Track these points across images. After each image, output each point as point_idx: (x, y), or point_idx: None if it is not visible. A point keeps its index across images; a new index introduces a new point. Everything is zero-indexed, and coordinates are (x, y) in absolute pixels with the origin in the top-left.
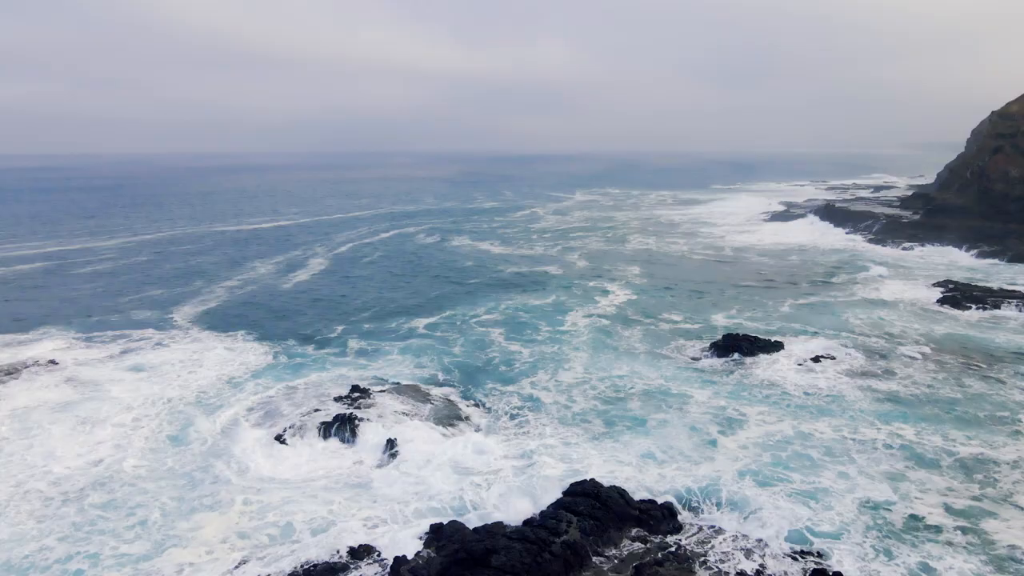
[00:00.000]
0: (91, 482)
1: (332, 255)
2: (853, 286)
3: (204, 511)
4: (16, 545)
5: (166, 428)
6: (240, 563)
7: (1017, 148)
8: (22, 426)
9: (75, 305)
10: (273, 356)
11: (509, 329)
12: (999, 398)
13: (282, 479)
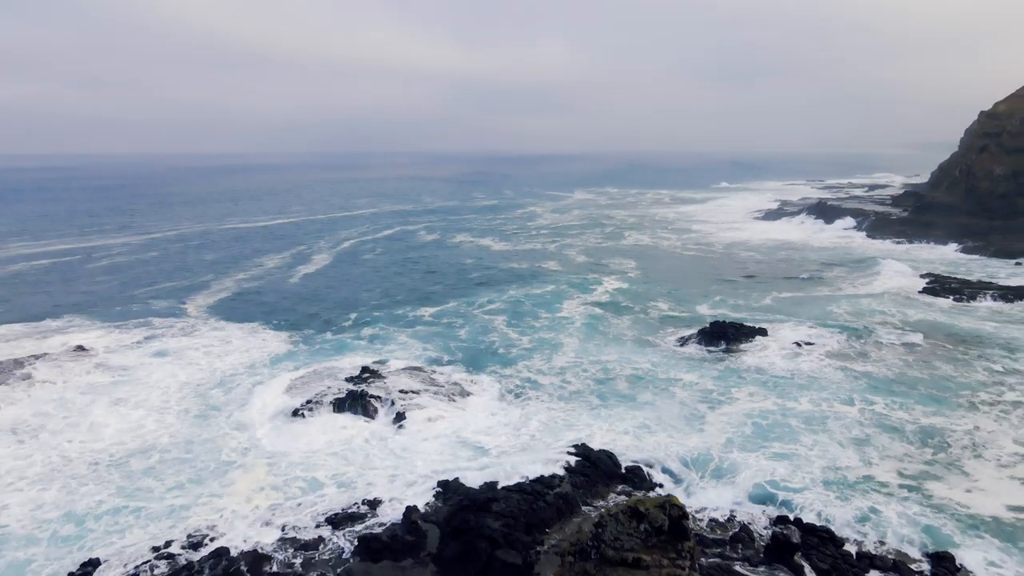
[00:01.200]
0: (131, 451)
1: (336, 251)
2: (838, 280)
3: (235, 471)
4: (74, 501)
5: (195, 406)
6: (272, 508)
7: (1002, 147)
8: (64, 406)
9: (95, 296)
10: (292, 343)
11: (510, 316)
12: (962, 378)
13: (302, 447)
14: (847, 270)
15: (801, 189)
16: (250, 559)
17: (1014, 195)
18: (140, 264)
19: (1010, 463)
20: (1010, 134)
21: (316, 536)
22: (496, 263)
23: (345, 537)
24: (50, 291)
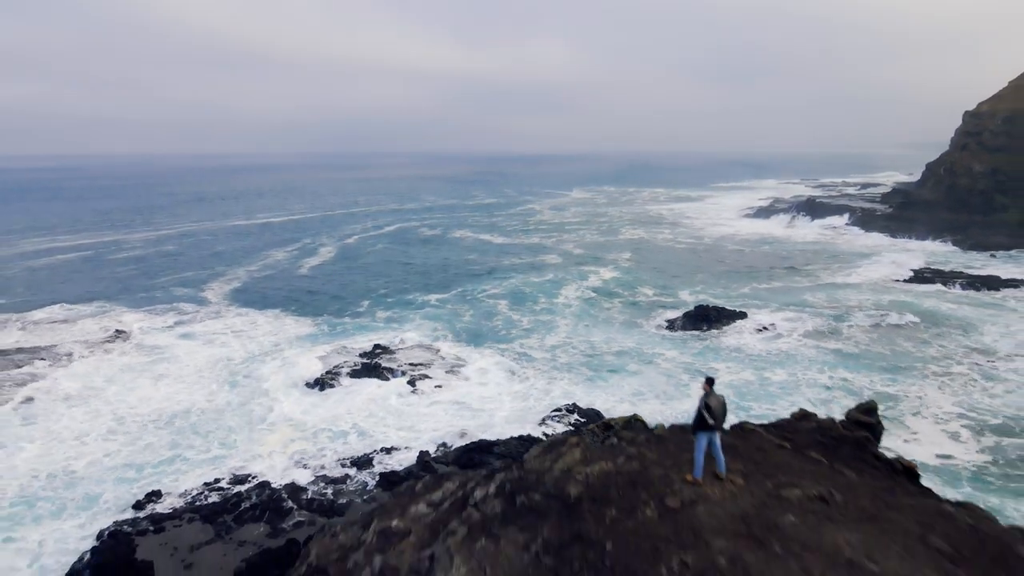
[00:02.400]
0: (175, 414)
1: (340, 245)
2: (817, 271)
3: (268, 429)
4: (132, 453)
5: (229, 378)
6: (302, 455)
7: (982, 145)
8: (111, 380)
9: (121, 285)
10: (313, 325)
11: (511, 301)
12: (919, 353)
13: (325, 410)
14: (827, 262)
15: (796, 188)
16: (289, 490)
17: (992, 192)
18: (156, 257)
19: (944, 420)
20: (991, 133)
21: (343, 474)
22: (497, 256)
23: (368, 475)
24: (79, 280)
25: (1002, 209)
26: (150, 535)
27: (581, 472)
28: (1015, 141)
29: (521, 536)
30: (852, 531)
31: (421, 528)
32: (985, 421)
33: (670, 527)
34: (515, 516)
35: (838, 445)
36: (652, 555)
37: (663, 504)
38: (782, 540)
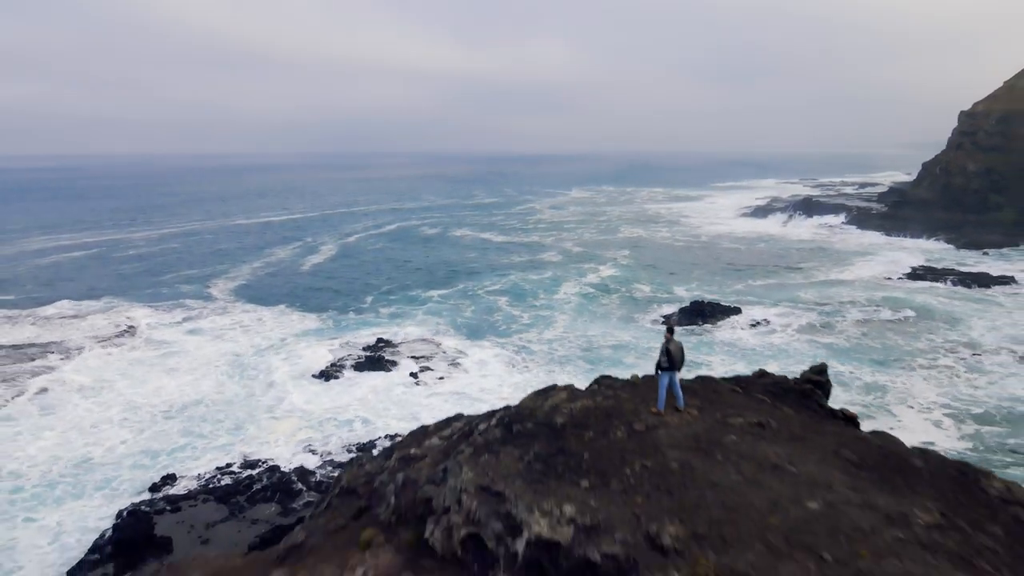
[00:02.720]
0: (186, 404)
1: (342, 244)
2: (811, 268)
3: (276, 418)
4: (147, 440)
5: (238, 371)
6: (309, 442)
7: (977, 145)
8: (124, 373)
9: (128, 282)
10: (319, 321)
11: (511, 298)
12: (907, 347)
13: (330, 400)
14: (821, 260)
15: (794, 187)
16: (298, 473)
17: (986, 191)
18: (161, 254)
19: (928, 410)
20: (986, 133)
21: (349, 459)
22: (497, 254)
23: None
24: (86, 278)
25: (996, 208)
26: (167, 514)
27: (566, 407)
28: (1009, 141)
29: (516, 451)
30: (781, 447)
31: (435, 453)
32: (967, 411)
33: (635, 443)
34: (512, 439)
35: (785, 393)
36: (620, 461)
37: (631, 428)
38: (724, 452)
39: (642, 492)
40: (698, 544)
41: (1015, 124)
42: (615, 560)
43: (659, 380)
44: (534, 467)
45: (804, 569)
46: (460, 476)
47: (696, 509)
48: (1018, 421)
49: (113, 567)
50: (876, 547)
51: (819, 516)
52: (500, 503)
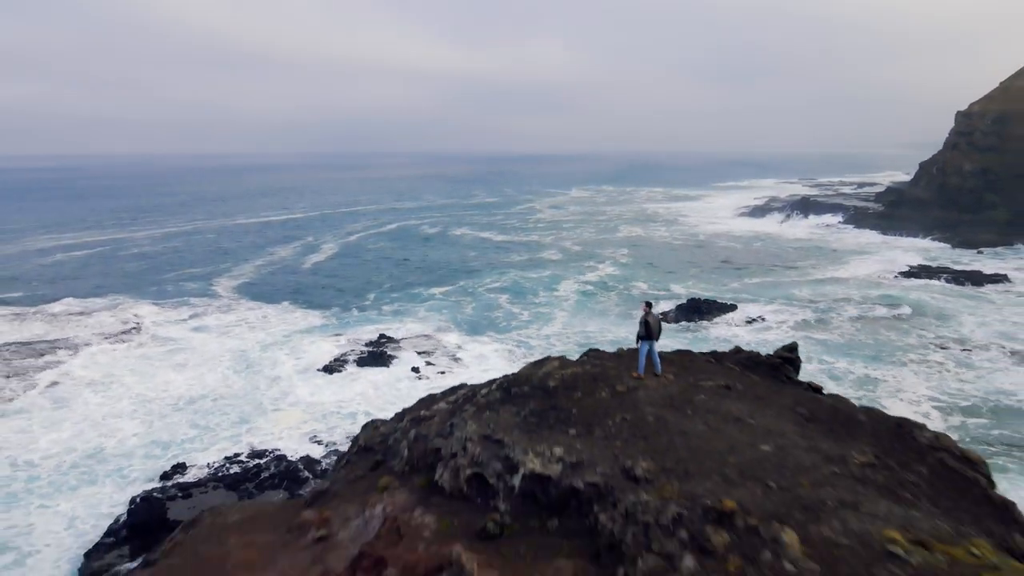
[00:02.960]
0: (194, 398)
1: (342, 243)
2: (807, 267)
3: (282, 411)
4: (157, 432)
5: (244, 367)
6: (314, 433)
7: (972, 145)
8: (133, 369)
9: (132, 280)
10: (323, 318)
11: (512, 295)
12: (899, 342)
13: (333, 393)
14: (817, 259)
15: (793, 187)
16: (304, 461)
17: (981, 190)
18: (164, 253)
19: (916, 402)
20: (982, 133)
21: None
22: (497, 252)
23: None
24: (91, 276)
25: (991, 207)
26: (179, 500)
27: (558, 373)
28: (1004, 141)
29: (514, 408)
30: (744, 404)
31: (443, 414)
32: (955, 403)
33: (617, 402)
34: (510, 400)
35: (756, 365)
36: (603, 415)
37: (614, 389)
38: (693, 408)
39: (621, 438)
40: (666, 476)
41: (1010, 124)
42: (596, 487)
43: (640, 348)
44: (529, 420)
45: (752, 493)
46: (465, 428)
47: (666, 451)
48: (1003, 413)
49: (128, 549)
50: (815, 479)
51: (769, 456)
52: (500, 448)
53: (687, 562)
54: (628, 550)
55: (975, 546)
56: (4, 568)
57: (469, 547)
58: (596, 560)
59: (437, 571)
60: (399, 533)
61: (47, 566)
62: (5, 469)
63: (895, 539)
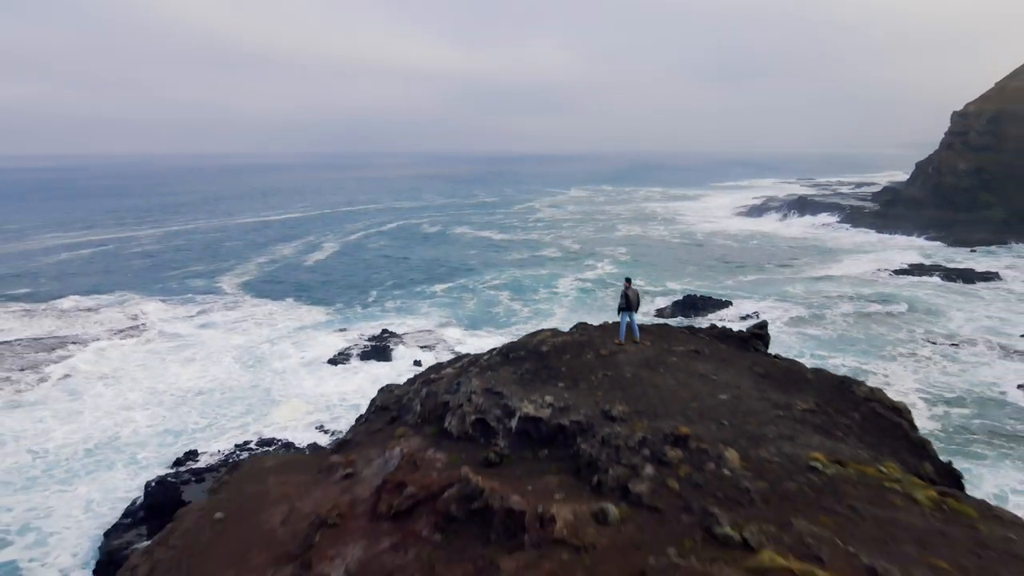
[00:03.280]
0: (204, 390)
1: (343, 241)
2: (801, 265)
3: (286, 402)
4: (169, 421)
5: (252, 361)
6: (319, 422)
7: (967, 145)
8: (143, 363)
9: (139, 277)
10: (327, 314)
11: (512, 292)
12: (889, 337)
13: (337, 385)
14: (812, 257)
15: (792, 187)
16: (311, 448)
17: (976, 190)
18: (170, 251)
19: (903, 394)
20: (977, 132)
21: None
22: (498, 251)
23: None
24: (98, 273)
25: (986, 206)
26: (192, 484)
27: (550, 341)
28: (999, 141)
29: (511, 368)
30: (709, 365)
31: (450, 376)
32: (940, 395)
33: (600, 362)
34: (508, 362)
35: (726, 338)
36: (588, 372)
37: (598, 353)
38: (665, 367)
39: (602, 389)
40: (637, 416)
41: (1005, 124)
42: (579, 424)
43: (621, 319)
44: (525, 377)
45: (707, 428)
46: (470, 385)
47: (639, 398)
48: (984, 404)
49: (145, 529)
50: (762, 420)
51: (726, 403)
52: (500, 399)
53: (647, 470)
54: (602, 464)
55: (885, 467)
56: (27, 547)
57: (474, 470)
58: (576, 474)
59: (449, 487)
60: (415, 465)
61: (68, 545)
62: (24, 457)
63: (817, 459)
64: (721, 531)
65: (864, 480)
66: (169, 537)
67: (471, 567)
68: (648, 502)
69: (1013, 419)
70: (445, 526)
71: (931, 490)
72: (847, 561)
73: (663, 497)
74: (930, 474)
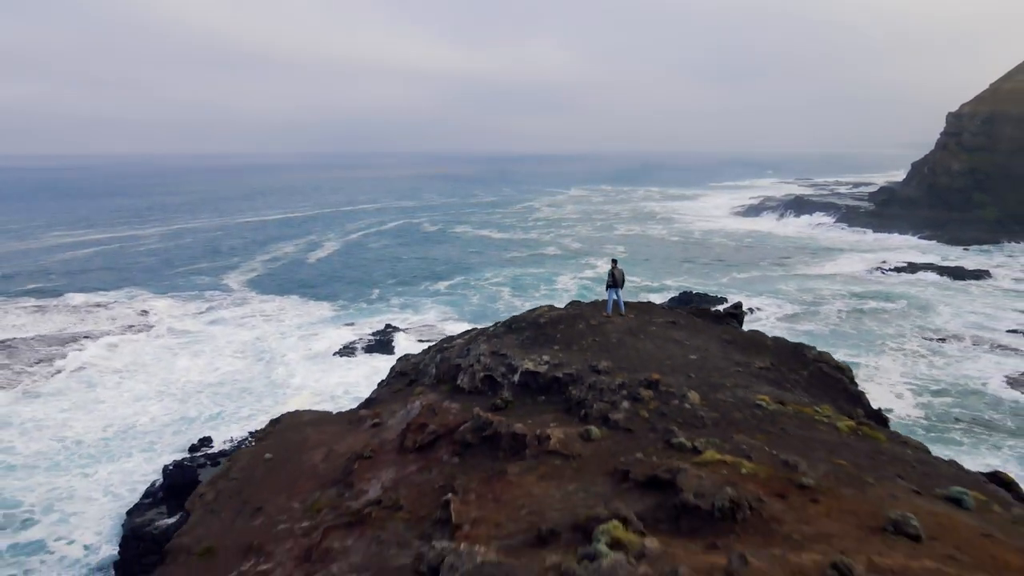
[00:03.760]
0: (215, 382)
1: (345, 240)
2: (795, 264)
3: (294, 392)
4: (182, 411)
5: (260, 355)
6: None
7: (961, 145)
8: (157, 357)
9: (147, 274)
10: (333, 310)
11: (513, 288)
12: (880, 331)
13: (342, 376)
14: (807, 255)
15: (790, 187)
16: None
17: (970, 190)
18: (175, 249)
19: (892, 385)
20: (970, 133)
21: None
22: (498, 249)
23: None
24: (107, 270)
25: (979, 206)
26: (208, 467)
27: (547, 314)
28: (993, 141)
29: (514, 336)
30: (684, 332)
31: (461, 345)
32: (926, 386)
33: (590, 330)
34: (511, 331)
35: (703, 314)
36: (579, 337)
37: (588, 323)
38: (645, 334)
39: (591, 351)
40: (619, 369)
41: (999, 125)
42: (571, 375)
43: (608, 294)
44: (525, 342)
45: (677, 379)
46: (479, 349)
47: (622, 358)
48: (965, 395)
49: (165, 508)
50: (724, 374)
51: (695, 361)
52: (504, 359)
53: (624, 405)
54: (588, 403)
55: (820, 408)
56: (51, 525)
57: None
58: (568, 411)
59: (464, 423)
60: (434, 412)
61: (90, 524)
62: (48, 444)
63: (763, 400)
64: (677, 441)
65: (799, 415)
66: (228, 472)
67: (484, 474)
68: (623, 425)
69: (991, 409)
70: (462, 451)
71: (851, 421)
72: (769, 458)
73: (635, 422)
74: (860, 416)
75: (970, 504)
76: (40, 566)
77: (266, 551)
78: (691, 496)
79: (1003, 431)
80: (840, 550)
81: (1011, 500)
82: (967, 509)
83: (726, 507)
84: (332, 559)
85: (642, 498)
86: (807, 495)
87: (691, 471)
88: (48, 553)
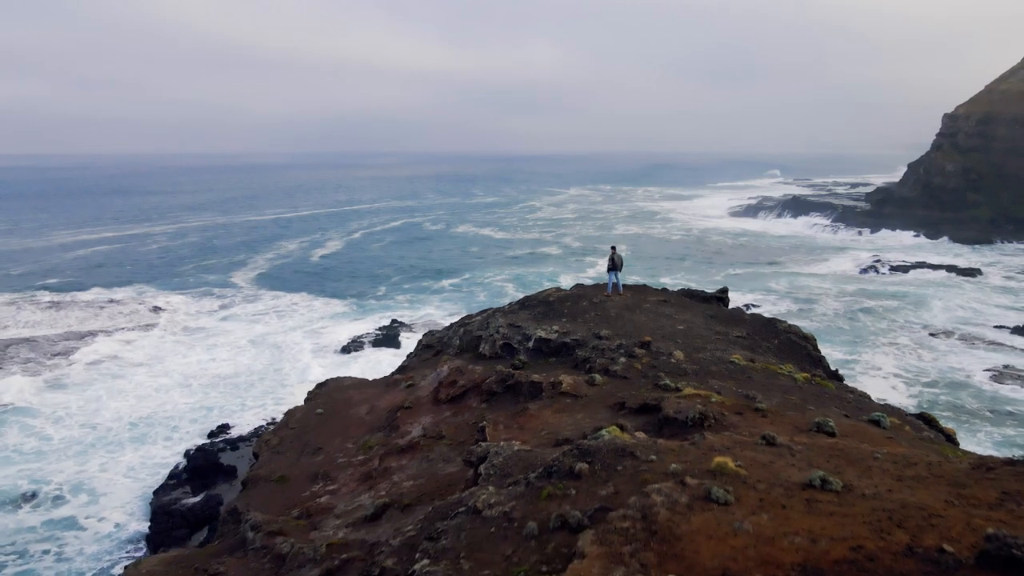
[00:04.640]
0: (231, 375)
1: (347, 239)
2: (790, 262)
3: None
4: (201, 400)
5: (271, 350)
6: None
7: (955, 146)
8: (174, 351)
9: (157, 271)
10: (343, 306)
11: (517, 285)
12: (874, 327)
13: (349, 369)
14: (802, 254)
15: (788, 187)
16: None
17: (964, 190)
18: (183, 247)
19: (885, 377)
20: (965, 134)
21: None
22: (500, 248)
23: None
24: (117, 268)
25: (974, 206)
26: (228, 451)
27: (556, 294)
28: (988, 142)
29: (527, 311)
30: (673, 309)
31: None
32: (917, 378)
33: (593, 307)
34: (524, 308)
35: (691, 295)
36: (583, 312)
37: (591, 301)
38: (640, 310)
39: (594, 322)
40: (618, 336)
41: (993, 126)
42: (577, 341)
43: (609, 276)
44: (537, 316)
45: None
46: (497, 322)
47: (620, 327)
48: (952, 385)
49: (189, 488)
50: (705, 340)
51: (682, 330)
52: (520, 329)
53: (622, 359)
54: (591, 360)
55: (785, 366)
56: (81, 505)
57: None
58: (575, 368)
59: (489, 377)
60: (461, 372)
61: (118, 502)
62: (77, 430)
63: (736, 358)
64: (663, 383)
65: (765, 370)
66: (287, 423)
67: (508, 412)
68: (621, 374)
69: (973, 398)
70: (488, 399)
71: (807, 374)
72: (734, 394)
73: (631, 372)
74: (819, 374)
75: (886, 424)
76: (74, 540)
77: (331, 476)
78: (671, 412)
79: (982, 419)
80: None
81: (925, 428)
82: (883, 428)
83: (696, 417)
84: (391, 474)
85: (635, 419)
86: (759, 414)
87: (673, 399)
88: (81, 529)
